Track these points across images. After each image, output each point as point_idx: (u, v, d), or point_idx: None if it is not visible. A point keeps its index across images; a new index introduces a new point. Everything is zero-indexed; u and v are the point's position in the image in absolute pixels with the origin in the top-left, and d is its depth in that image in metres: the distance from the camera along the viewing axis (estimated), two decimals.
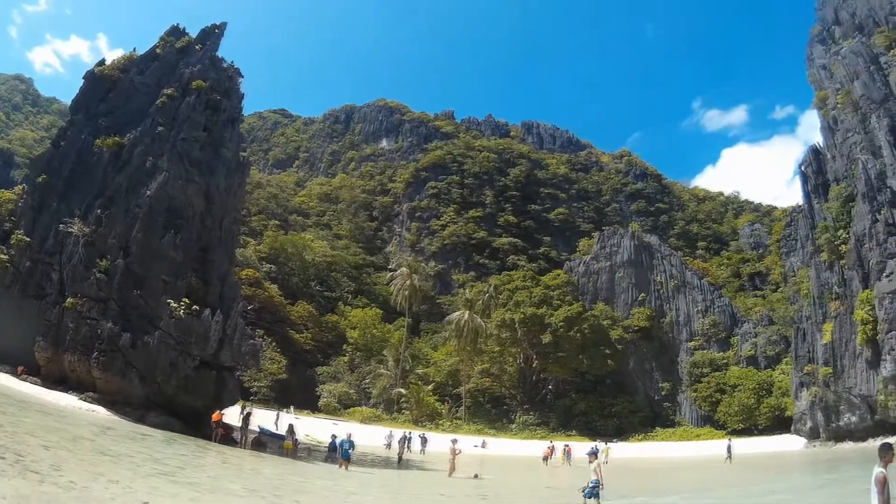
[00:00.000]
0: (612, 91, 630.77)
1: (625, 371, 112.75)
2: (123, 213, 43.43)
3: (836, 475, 41.40)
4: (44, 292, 41.62)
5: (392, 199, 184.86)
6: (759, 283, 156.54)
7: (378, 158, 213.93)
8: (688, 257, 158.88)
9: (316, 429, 63.91)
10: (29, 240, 43.35)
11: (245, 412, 47.60)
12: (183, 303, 41.38)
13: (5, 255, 42.84)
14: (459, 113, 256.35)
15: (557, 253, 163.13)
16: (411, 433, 64.84)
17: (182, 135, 48.64)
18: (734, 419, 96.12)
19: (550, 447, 63.34)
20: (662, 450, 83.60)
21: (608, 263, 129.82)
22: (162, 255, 42.68)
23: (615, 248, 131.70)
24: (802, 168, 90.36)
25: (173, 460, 25.12)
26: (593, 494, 22.34)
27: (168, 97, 50.77)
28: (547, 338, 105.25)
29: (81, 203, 44.27)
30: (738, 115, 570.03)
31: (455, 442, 41.15)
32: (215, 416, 39.67)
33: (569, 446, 63.05)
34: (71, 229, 42.01)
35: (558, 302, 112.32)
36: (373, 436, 66.34)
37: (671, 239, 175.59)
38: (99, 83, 52.50)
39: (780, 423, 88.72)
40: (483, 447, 77.06)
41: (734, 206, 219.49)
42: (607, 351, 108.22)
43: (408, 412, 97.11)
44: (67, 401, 36.31)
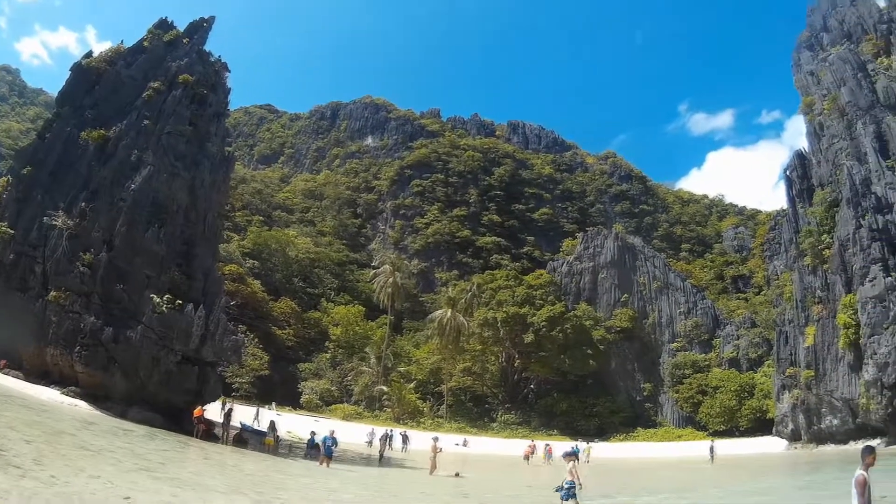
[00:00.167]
0: (599, 92, 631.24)
1: (607, 371, 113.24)
2: (108, 207, 43.14)
3: (817, 477, 41.82)
4: (27, 285, 41.23)
5: (376, 197, 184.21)
6: (742, 286, 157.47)
7: (363, 155, 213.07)
8: (671, 259, 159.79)
9: (298, 425, 63.76)
10: (13, 232, 42.89)
11: (227, 408, 47.49)
12: (166, 298, 41.17)
13: None
14: (445, 111, 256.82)
15: (541, 253, 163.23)
16: (393, 431, 64.74)
17: (168, 128, 48.40)
18: (716, 420, 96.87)
19: (532, 446, 63.53)
20: (644, 450, 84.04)
21: (591, 264, 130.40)
22: (145, 250, 42.45)
23: (599, 249, 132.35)
24: (787, 173, 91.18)
25: (155, 456, 25.12)
26: (570, 496, 21.79)
27: (154, 90, 50.48)
28: (529, 337, 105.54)
29: (66, 196, 43.89)
30: (724, 119, 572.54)
31: (436, 440, 41.16)
32: (197, 412, 39.49)
33: (550, 446, 63.12)
34: (55, 222, 41.65)
35: (541, 302, 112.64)
36: (354, 433, 66.10)
37: (655, 240, 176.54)
38: (86, 75, 52.09)
39: (762, 425, 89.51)
40: (464, 446, 77.10)
41: (718, 208, 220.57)
42: (589, 351, 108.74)
43: (389, 410, 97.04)
44: (50, 395, 36.07)
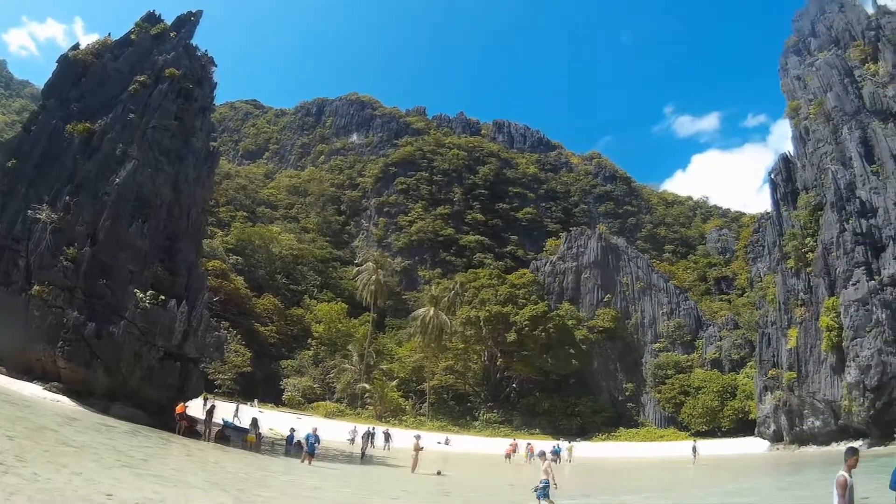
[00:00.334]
0: (585, 93, 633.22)
1: (589, 371, 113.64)
2: (92, 201, 42.77)
3: (799, 478, 42.18)
4: (10, 279, 40.68)
5: (360, 194, 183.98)
6: (725, 288, 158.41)
7: (348, 152, 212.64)
8: (654, 260, 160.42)
9: (280, 422, 63.53)
10: None
11: (209, 405, 47.35)
12: (149, 293, 40.94)
13: None
14: (431, 109, 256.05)
15: (524, 252, 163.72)
16: (375, 429, 64.82)
17: (153, 123, 48.09)
18: (698, 421, 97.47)
19: (513, 445, 63.68)
20: (626, 450, 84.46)
21: (574, 264, 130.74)
22: (129, 244, 42.12)
23: (582, 249, 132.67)
24: (772, 176, 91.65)
25: (137, 452, 25.02)
26: (545, 495, 22.59)
27: (140, 84, 50.11)
28: (512, 336, 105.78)
29: (50, 189, 43.40)
30: (709, 122, 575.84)
31: (419, 438, 41.20)
32: (179, 409, 39.36)
33: (531, 445, 63.33)
34: (39, 215, 41.18)
35: (524, 301, 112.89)
36: (336, 431, 66.10)
37: (638, 241, 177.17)
38: (72, 68, 51.56)
39: (744, 426, 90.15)
40: (446, 444, 77.18)
41: (702, 210, 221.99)
42: (572, 351, 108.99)
43: (372, 408, 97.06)
44: (32, 391, 35.75)
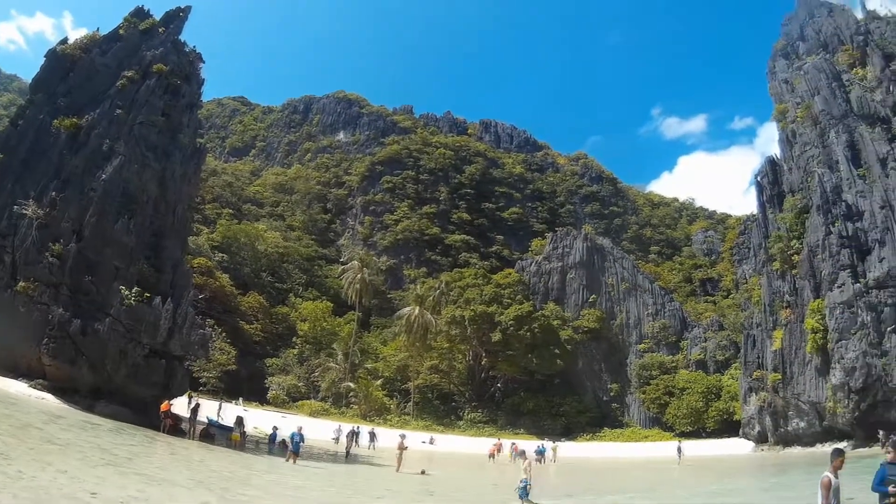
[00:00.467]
0: (573, 94, 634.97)
1: (574, 371, 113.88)
2: (78, 197, 42.43)
3: (784, 478, 42.48)
4: None
5: (346, 192, 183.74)
6: (711, 289, 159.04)
7: (335, 150, 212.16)
8: (640, 261, 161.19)
9: (264, 421, 63.42)
10: None
11: (193, 403, 47.19)
12: (134, 290, 40.76)
13: None
14: (418, 108, 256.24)
15: (510, 252, 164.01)
16: (360, 428, 64.76)
17: (140, 118, 47.84)
18: (682, 421, 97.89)
19: (497, 445, 63.91)
20: (611, 450, 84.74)
21: (560, 264, 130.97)
22: (115, 241, 41.87)
23: (567, 249, 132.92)
24: (759, 178, 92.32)
25: (121, 450, 24.95)
26: (525, 494, 23.06)
27: (128, 80, 49.80)
28: (497, 336, 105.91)
29: (37, 184, 43.01)
30: (696, 124, 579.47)
31: (404, 437, 41.26)
32: (163, 406, 39.28)
33: (516, 444, 63.46)
34: (25, 211, 40.81)
35: (509, 301, 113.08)
36: (321, 429, 66.09)
37: (624, 242, 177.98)
38: (60, 62, 51.15)
39: (729, 427, 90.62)
40: (431, 443, 77.30)
41: (688, 212, 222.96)
42: (557, 351, 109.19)
43: (356, 406, 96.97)
44: (17, 388, 35.53)
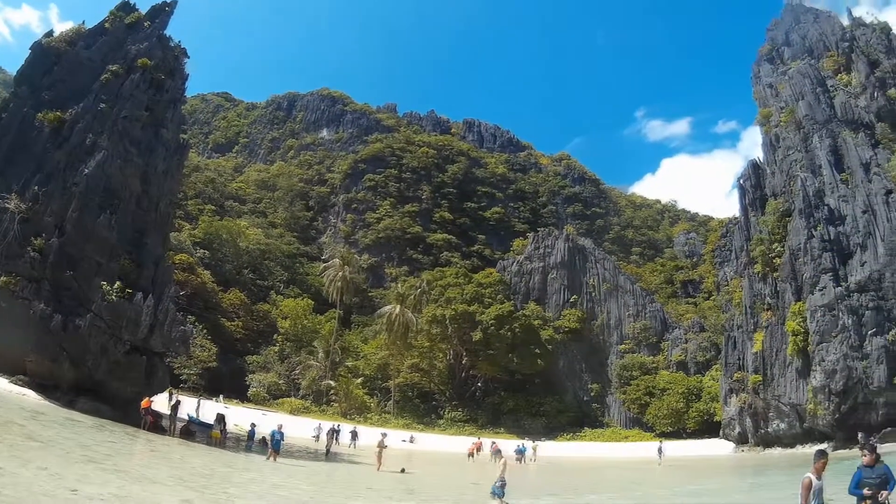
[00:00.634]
0: (557, 94, 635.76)
1: (554, 371, 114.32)
2: (61, 191, 42.19)
3: (763, 479, 43.00)
4: None
5: (329, 190, 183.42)
6: (692, 291, 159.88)
7: (318, 148, 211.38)
8: (622, 262, 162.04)
9: (245, 419, 63.23)
10: None
11: (174, 400, 47.05)
12: (116, 286, 40.58)
13: None
14: (402, 107, 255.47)
15: (491, 251, 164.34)
16: (340, 426, 64.79)
17: (124, 113, 47.54)
18: (663, 422, 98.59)
19: (476, 444, 64.13)
20: (591, 450, 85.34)
21: (541, 264, 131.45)
22: (96, 236, 41.66)
23: (549, 250, 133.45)
24: (741, 181, 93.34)
25: (102, 447, 24.99)
26: (498, 493, 23.57)
27: (112, 74, 49.51)
28: (477, 335, 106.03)
29: (20, 178, 42.66)
30: (680, 127, 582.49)
31: (385, 436, 41.33)
32: (144, 403, 39.12)
33: (496, 443, 63.71)
34: (8, 205, 40.48)
35: (490, 300, 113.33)
36: (301, 427, 66.05)
37: (605, 243, 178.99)
38: (45, 55, 50.74)
39: (709, 428, 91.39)
40: (411, 442, 77.44)
41: (671, 214, 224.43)
42: (537, 351, 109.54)
43: (337, 405, 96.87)
44: None
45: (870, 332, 64.47)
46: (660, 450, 63.96)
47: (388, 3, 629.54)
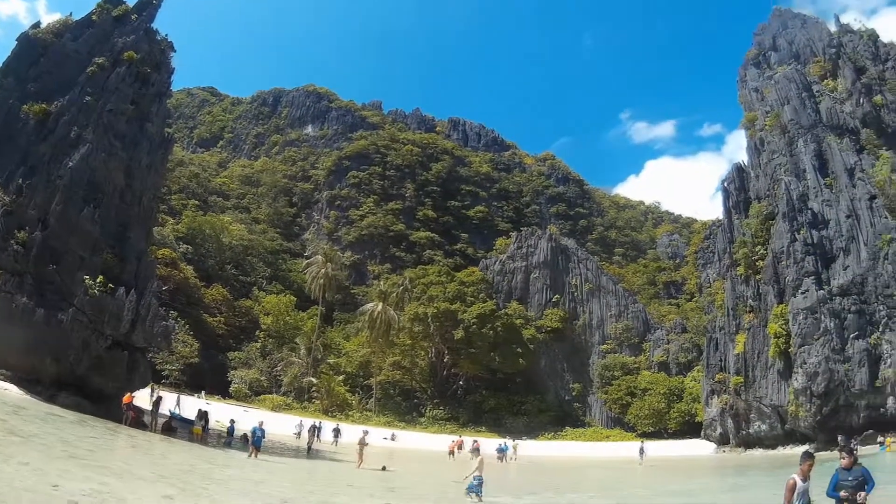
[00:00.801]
0: (543, 95, 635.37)
1: (536, 370, 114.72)
2: (45, 184, 41.78)
3: (744, 479, 43.29)
4: None
5: (313, 186, 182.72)
6: (674, 292, 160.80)
7: (302, 144, 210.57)
8: (604, 262, 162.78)
9: (226, 415, 63.08)
10: None
11: (156, 396, 46.92)
12: (98, 280, 40.41)
13: None
14: (387, 104, 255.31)
15: (474, 250, 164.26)
16: (321, 423, 64.73)
17: (109, 106, 47.21)
18: (644, 422, 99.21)
19: (457, 442, 64.26)
20: (572, 449, 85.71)
21: (524, 263, 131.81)
22: (80, 230, 41.38)
23: (532, 249, 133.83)
24: (725, 184, 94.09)
25: (84, 443, 24.96)
26: (475, 490, 24.24)
27: (98, 67, 49.17)
28: (459, 334, 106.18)
29: (4, 170, 42.23)
30: (665, 129, 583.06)
31: (366, 433, 41.42)
32: (126, 399, 38.92)
33: (477, 441, 63.84)
34: None
35: (472, 299, 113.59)
36: (283, 424, 65.98)
37: (588, 243, 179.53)
38: (32, 47, 50.23)
39: (690, 428, 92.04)
40: (392, 440, 77.48)
41: (654, 215, 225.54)
42: (519, 350, 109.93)
43: (318, 402, 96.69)
44: None
45: (852, 336, 65.21)
46: (641, 450, 64.09)
47: (376, 1, 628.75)
